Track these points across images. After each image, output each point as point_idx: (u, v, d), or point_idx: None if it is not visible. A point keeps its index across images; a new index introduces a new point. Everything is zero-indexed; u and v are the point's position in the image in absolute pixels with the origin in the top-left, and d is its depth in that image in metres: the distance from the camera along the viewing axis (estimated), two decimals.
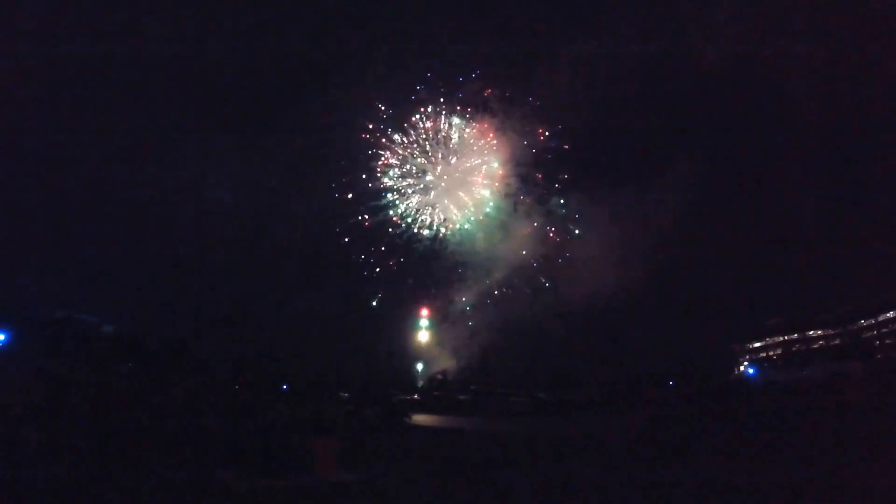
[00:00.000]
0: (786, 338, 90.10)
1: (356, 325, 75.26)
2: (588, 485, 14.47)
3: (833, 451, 15.89)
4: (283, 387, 66.81)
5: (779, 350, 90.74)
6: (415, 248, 73.81)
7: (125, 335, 59.76)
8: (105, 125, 79.48)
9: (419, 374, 72.63)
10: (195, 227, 76.76)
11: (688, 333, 71.49)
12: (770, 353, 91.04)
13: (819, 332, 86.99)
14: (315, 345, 72.93)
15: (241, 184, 78.89)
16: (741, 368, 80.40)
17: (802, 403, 28.34)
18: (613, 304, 66.90)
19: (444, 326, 74.71)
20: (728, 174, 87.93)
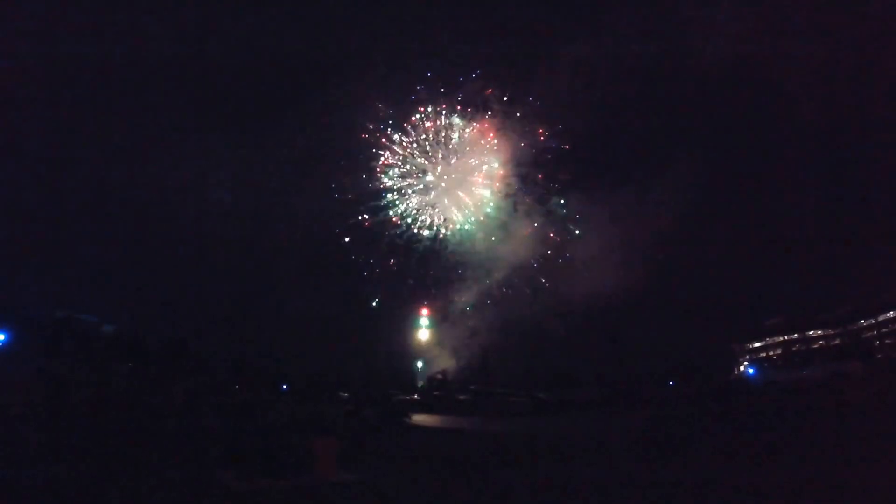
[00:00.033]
0: (786, 338, 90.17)
1: (356, 325, 75.37)
2: (588, 485, 14.46)
3: (833, 451, 15.86)
4: (283, 387, 66.94)
5: (779, 350, 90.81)
6: (415, 248, 73.92)
7: (125, 335, 59.87)
8: (105, 125, 79.64)
9: (419, 373, 72.74)
10: (195, 227, 76.86)
11: (688, 333, 71.62)
12: (770, 353, 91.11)
13: (819, 332, 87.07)
14: (315, 345, 73.03)
15: (241, 184, 79.08)
16: (741, 368, 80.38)
17: (802, 403, 28.28)
18: (613, 304, 67.04)
19: (444, 326, 74.78)
20: (728, 174, 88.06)
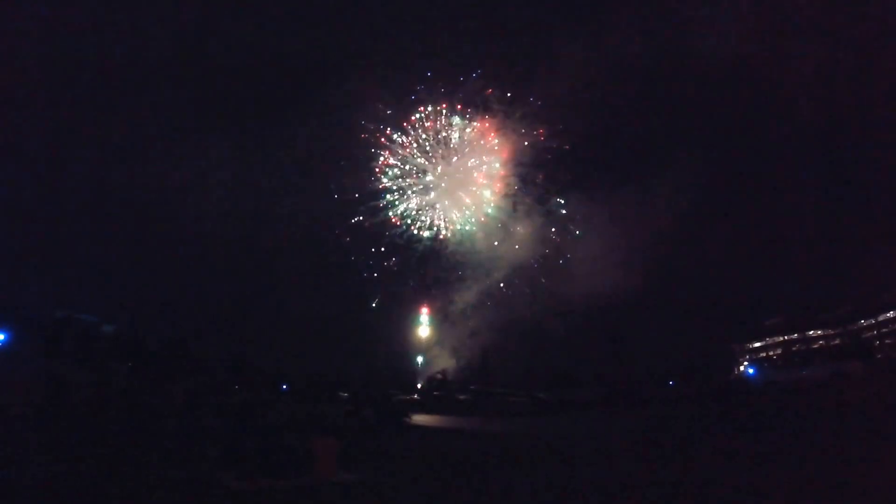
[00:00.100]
0: (786, 338, 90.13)
1: (356, 325, 75.38)
2: (588, 485, 14.46)
3: (833, 451, 15.86)
4: (283, 387, 66.95)
5: (779, 350, 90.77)
6: (415, 248, 73.89)
7: (125, 335, 59.85)
8: (105, 125, 79.62)
9: (419, 368, 72.80)
10: (195, 228, 76.86)
11: (688, 333, 71.63)
12: (770, 353, 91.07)
13: (819, 332, 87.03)
14: (315, 345, 73.06)
15: (241, 184, 79.09)
16: (741, 368, 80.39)
17: (802, 403, 28.29)
18: (613, 304, 67.06)
19: (444, 326, 74.80)
20: (728, 174, 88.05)
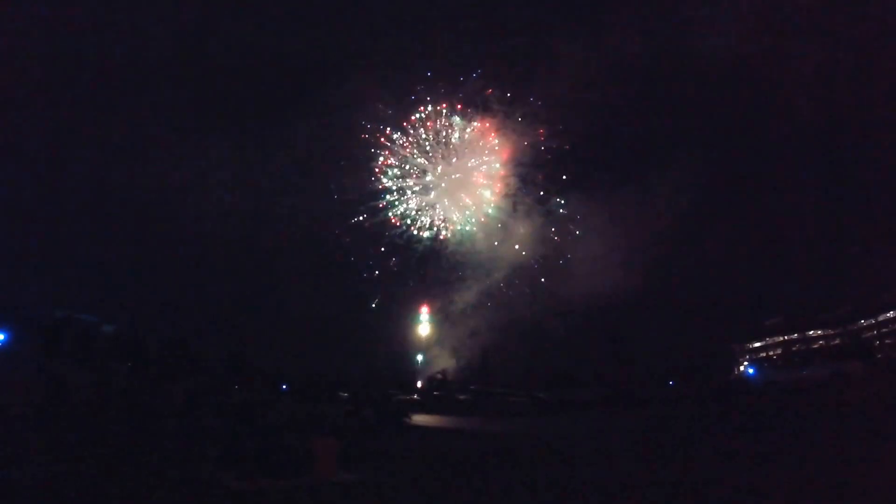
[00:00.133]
0: (786, 338, 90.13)
1: (356, 325, 75.40)
2: (588, 485, 14.46)
3: (833, 451, 15.85)
4: (283, 387, 66.95)
5: (779, 350, 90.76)
6: (415, 249, 73.91)
7: (125, 335, 59.86)
8: (105, 125, 79.61)
9: (419, 366, 72.83)
10: (195, 227, 76.84)
11: (688, 333, 71.63)
12: (770, 353, 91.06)
13: (819, 332, 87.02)
14: (315, 345, 73.07)
15: (241, 184, 79.07)
16: (741, 368, 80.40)
17: (802, 403, 28.28)
18: (613, 304, 67.07)
19: (445, 326, 74.82)
20: (728, 174, 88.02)
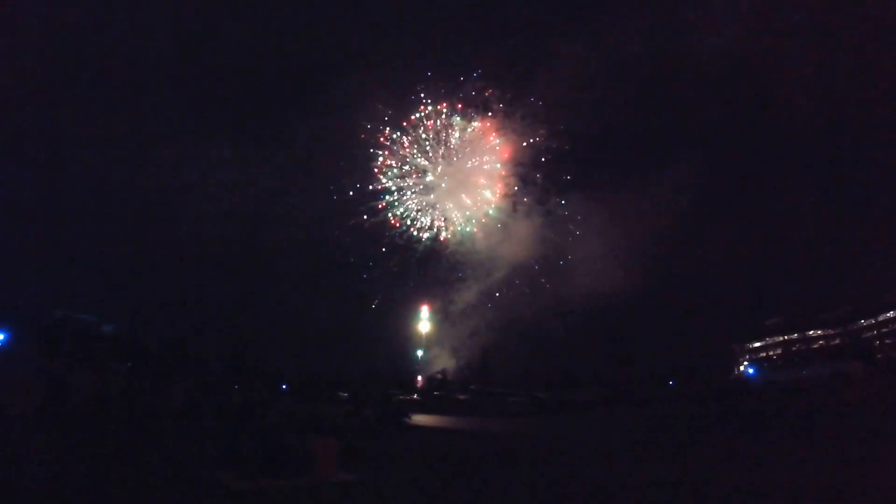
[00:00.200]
0: (786, 338, 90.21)
1: (356, 325, 75.50)
2: (588, 485, 14.45)
3: (833, 451, 15.84)
4: (283, 387, 67.00)
5: (779, 350, 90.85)
6: (415, 249, 74.00)
7: (125, 335, 59.88)
8: (105, 125, 79.68)
9: (419, 361, 72.91)
10: (195, 227, 76.93)
11: (688, 333, 71.73)
12: (770, 353, 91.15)
13: (819, 332, 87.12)
14: (315, 344, 73.18)
15: (241, 184, 79.19)
16: (741, 368, 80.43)
17: (802, 403, 28.26)
18: (613, 304, 67.17)
19: (444, 326, 74.90)
20: (728, 174, 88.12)
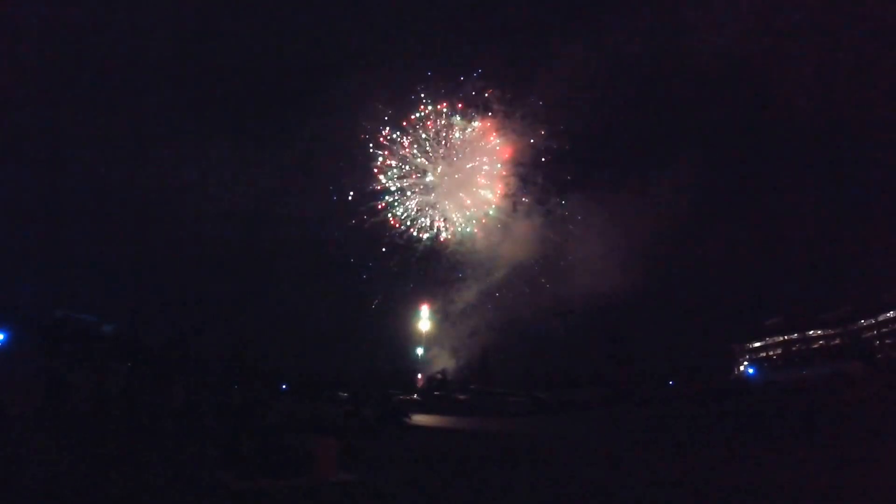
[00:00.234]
0: (786, 338, 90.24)
1: (356, 325, 75.56)
2: (588, 485, 14.45)
3: (833, 451, 15.84)
4: (283, 387, 67.02)
5: (779, 350, 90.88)
6: (415, 249, 74.05)
7: (125, 335, 59.90)
8: (105, 125, 79.72)
9: (419, 359, 73.01)
10: (195, 227, 76.95)
11: (688, 333, 71.81)
12: (770, 353, 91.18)
13: (819, 332, 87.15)
14: (315, 344, 73.24)
15: (241, 184, 79.24)
16: (741, 368, 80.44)
17: (802, 403, 28.26)
18: (613, 304, 67.22)
19: (444, 326, 74.94)
20: (728, 174, 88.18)
